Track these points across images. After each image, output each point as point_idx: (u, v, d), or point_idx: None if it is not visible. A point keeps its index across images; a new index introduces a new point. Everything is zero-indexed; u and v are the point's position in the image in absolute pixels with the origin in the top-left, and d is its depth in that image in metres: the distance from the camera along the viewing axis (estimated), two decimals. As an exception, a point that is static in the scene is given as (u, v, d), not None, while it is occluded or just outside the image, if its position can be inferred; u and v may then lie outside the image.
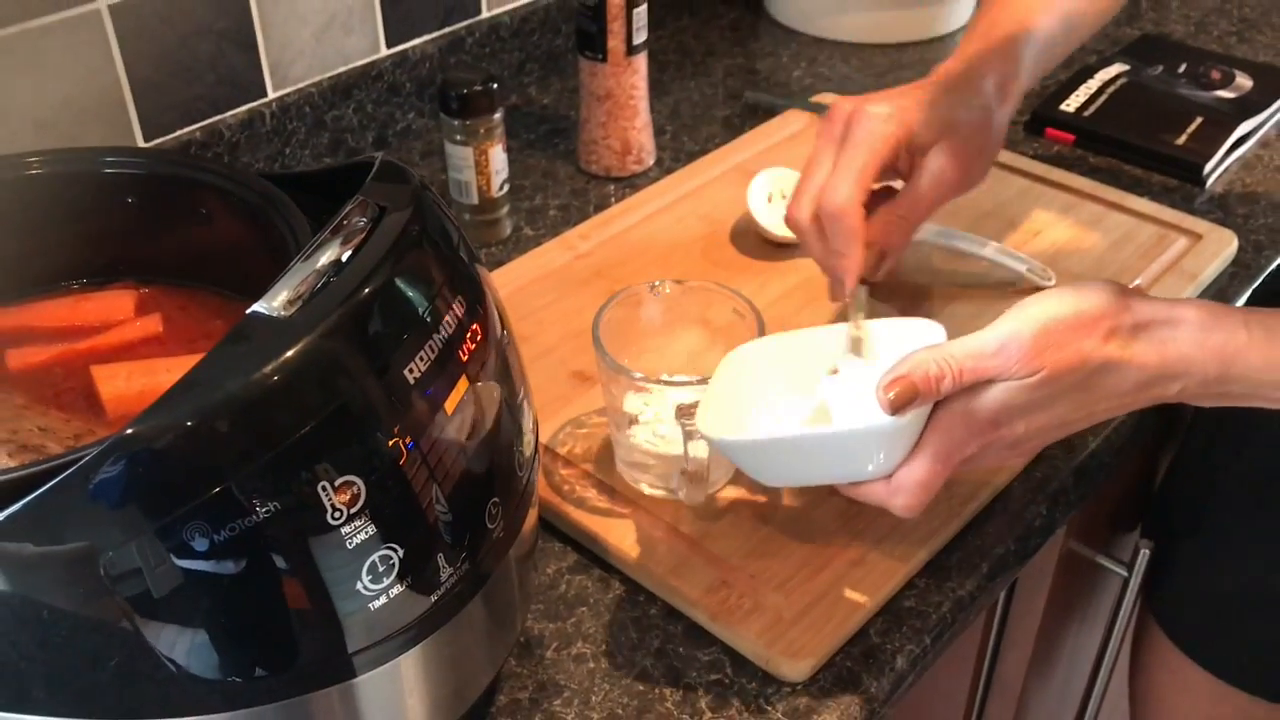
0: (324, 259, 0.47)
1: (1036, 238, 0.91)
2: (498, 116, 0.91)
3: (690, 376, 0.66)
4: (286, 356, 0.43)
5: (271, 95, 0.97)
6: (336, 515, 0.44)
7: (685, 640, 0.65)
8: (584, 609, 0.67)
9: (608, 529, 0.69)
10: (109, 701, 0.45)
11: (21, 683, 0.45)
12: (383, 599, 0.47)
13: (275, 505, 0.43)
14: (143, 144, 0.91)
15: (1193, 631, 0.88)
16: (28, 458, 0.50)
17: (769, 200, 0.91)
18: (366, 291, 0.46)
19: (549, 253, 0.92)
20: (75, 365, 0.57)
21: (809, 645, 0.62)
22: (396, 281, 0.47)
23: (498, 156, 0.93)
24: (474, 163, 0.92)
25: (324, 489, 0.44)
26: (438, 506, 0.48)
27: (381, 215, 0.50)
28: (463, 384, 0.49)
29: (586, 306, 0.81)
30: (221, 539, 0.42)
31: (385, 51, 1.04)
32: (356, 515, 0.45)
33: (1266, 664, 0.85)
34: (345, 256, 0.47)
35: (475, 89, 0.90)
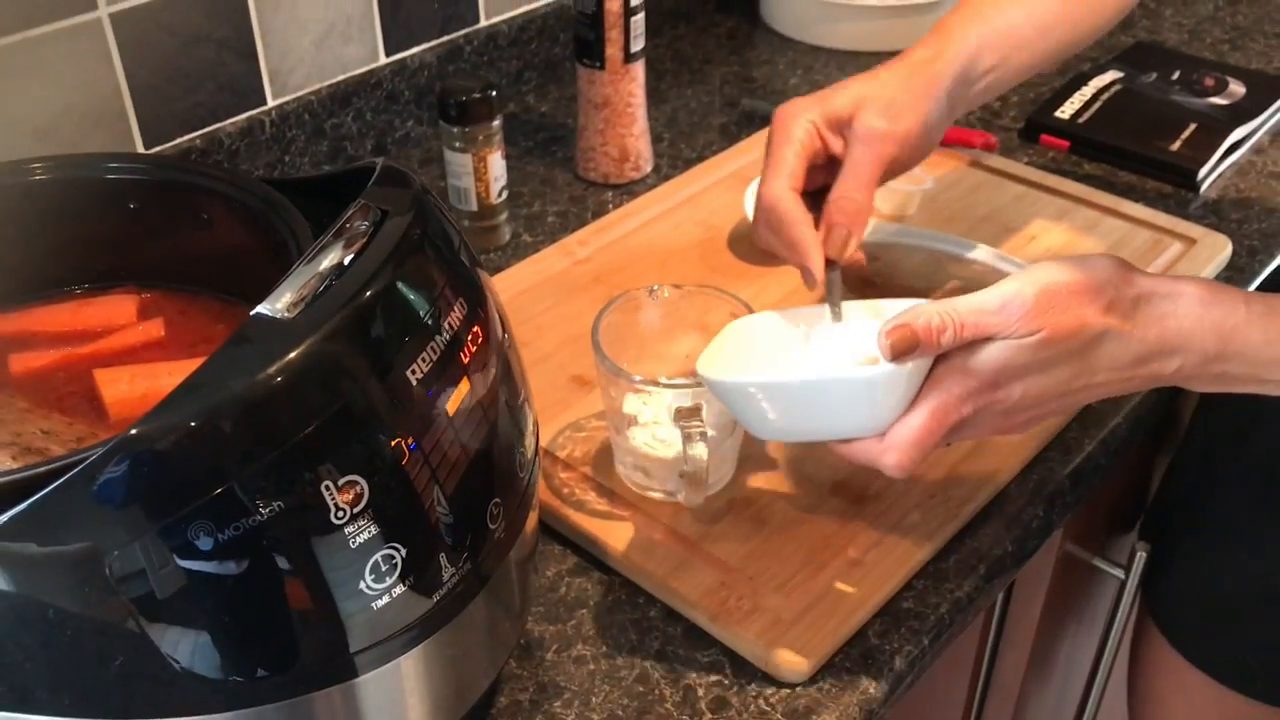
0: (327, 262, 0.47)
1: (1032, 243, 0.92)
2: (496, 124, 0.92)
3: (689, 379, 0.66)
4: (290, 358, 0.43)
5: (271, 103, 0.98)
6: (340, 515, 0.45)
7: (685, 642, 0.65)
8: (584, 611, 0.67)
9: (607, 531, 0.69)
10: (112, 702, 0.45)
11: (26, 683, 0.45)
12: (385, 599, 0.47)
13: (279, 505, 0.43)
14: (143, 151, 0.91)
15: (1191, 634, 0.88)
16: (31, 460, 0.50)
17: (766, 206, 0.91)
18: (369, 294, 0.46)
19: (547, 259, 0.92)
20: (78, 369, 0.57)
21: (808, 646, 0.63)
22: (399, 284, 0.48)
23: (496, 163, 0.93)
24: (473, 169, 0.92)
25: (327, 489, 0.44)
26: (440, 507, 0.48)
27: (383, 219, 0.50)
28: (464, 385, 0.49)
29: (585, 312, 0.81)
30: (225, 539, 0.43)
31: (384, 60, 1.05)
32: (359, 515, 0.45)
33: (1264, 666, 0.85)
34: (348, 259, 0.48)
35: (474, 96, 0.90)
